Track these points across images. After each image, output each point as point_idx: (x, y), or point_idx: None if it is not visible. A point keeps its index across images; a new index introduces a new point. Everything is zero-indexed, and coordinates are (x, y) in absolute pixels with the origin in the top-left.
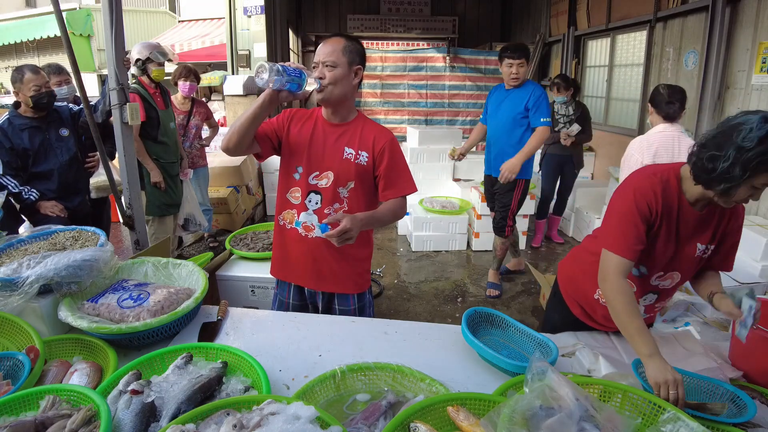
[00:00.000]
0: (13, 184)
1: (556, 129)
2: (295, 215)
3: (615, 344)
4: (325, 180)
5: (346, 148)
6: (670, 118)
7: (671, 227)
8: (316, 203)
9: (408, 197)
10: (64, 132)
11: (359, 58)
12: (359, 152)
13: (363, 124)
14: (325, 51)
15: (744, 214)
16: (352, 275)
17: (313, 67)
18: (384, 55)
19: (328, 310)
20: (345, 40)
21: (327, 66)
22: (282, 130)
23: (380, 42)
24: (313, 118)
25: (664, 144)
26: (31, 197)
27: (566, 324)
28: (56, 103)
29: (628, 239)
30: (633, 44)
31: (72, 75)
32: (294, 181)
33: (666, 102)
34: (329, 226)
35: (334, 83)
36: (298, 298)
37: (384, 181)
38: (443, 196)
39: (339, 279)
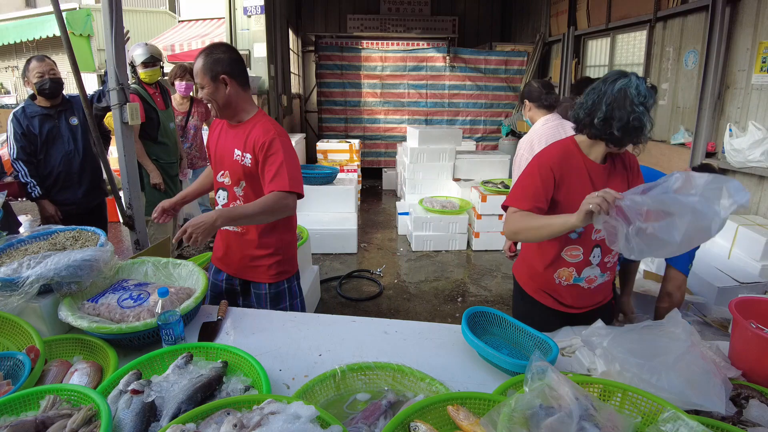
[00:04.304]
0: (23, 172)
1: None
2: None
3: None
4: (227, 178)
5: (236, 150)
6: (551, 107)
7: (582, 181)
8: (224, 199)
9: (407, 197)
10: (74, 121)
11: (221, 66)
12: (244, 154)
13: (255, 124)
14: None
15: (637, 162)
16: (259, 265)
17: None
18: (384, 55)
19: (246, 293)
20: (203, 57)
21: (200, 87)
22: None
23: (380, 42)
24: (222, 121)
25: (552, 133)
26: (34, 193)
27: (544, 318)
28: (69, 93)
29: (526, 192)
30: (633, 44)
31: (72, 74)
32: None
33: (544, 94)
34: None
35: (209, 100)
36: (226, 280)
37: (262, 178)
38: (443, 196)
39: (249, 268)
